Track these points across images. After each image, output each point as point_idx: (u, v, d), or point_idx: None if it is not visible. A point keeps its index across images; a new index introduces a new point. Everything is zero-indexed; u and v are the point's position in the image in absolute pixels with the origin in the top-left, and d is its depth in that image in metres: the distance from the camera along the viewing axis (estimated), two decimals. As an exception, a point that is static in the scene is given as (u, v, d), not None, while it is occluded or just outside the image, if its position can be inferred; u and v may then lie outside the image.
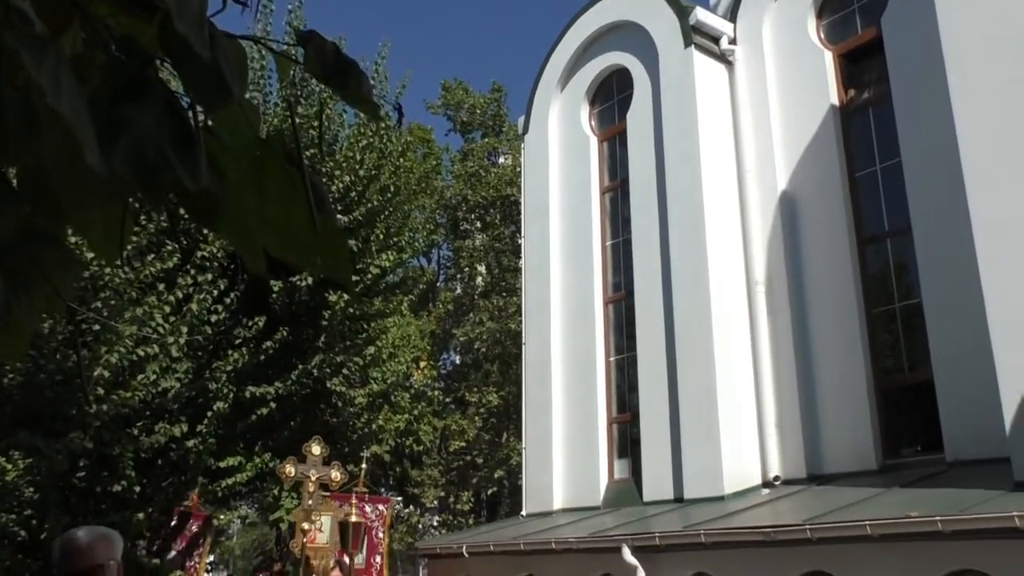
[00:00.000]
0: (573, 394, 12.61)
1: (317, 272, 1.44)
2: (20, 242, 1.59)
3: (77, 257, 1.90)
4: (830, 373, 9.87)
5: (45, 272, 1.84)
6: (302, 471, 7.79)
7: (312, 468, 7.90)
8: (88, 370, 7.42)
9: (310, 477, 7.83)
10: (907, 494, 7.94)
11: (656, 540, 8.86)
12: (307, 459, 7.87)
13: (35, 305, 1.93)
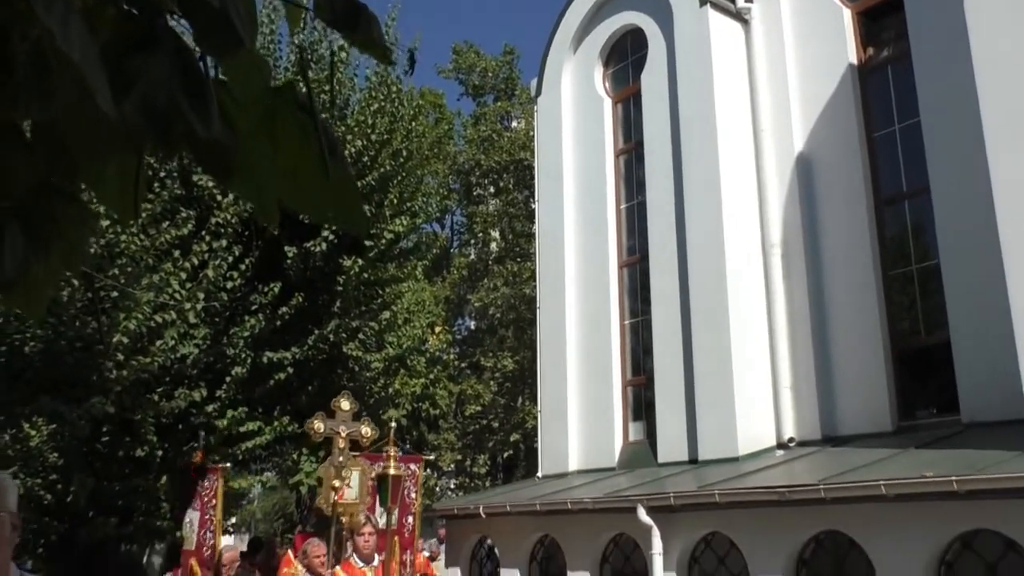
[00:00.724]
0: (588, 358, 12.63)
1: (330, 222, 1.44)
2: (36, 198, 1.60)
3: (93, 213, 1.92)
4: (846, 335, 9.85)
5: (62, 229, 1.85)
6: (331, 427, 7.48)
7: (341, 424, 7.59)
8: (108, 336, 7.49)
9: (339, 433, 7.50)
10: (922, 455, 7.94)
11: (671, 500, 8.92)
12: (336, 415, 7.58)
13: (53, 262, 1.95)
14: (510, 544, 11.43)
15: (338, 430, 7.46)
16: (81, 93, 1.13)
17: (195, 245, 8.45)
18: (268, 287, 9.17)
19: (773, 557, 8.27)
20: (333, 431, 7.44)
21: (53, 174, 1.49)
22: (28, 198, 1.58)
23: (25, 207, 1.77)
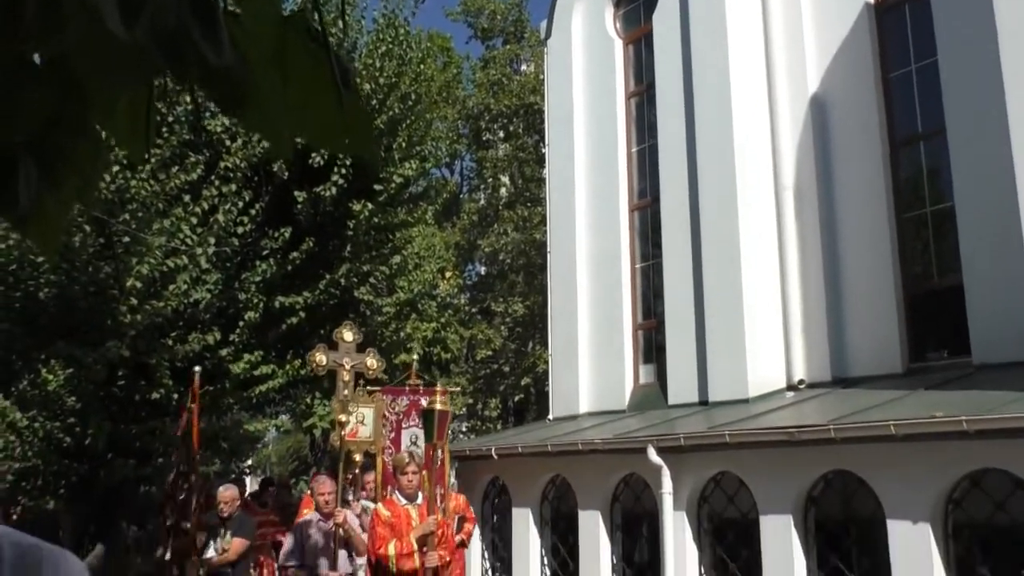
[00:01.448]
0: (598, 301, 12.66)
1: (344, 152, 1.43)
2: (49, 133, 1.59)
3: (107, 146, 1.91)
4: (858, 278, 9.82)
5: (75, 163, 1.85)
6: (334, 359, 6.99)
7: (345, 356, 7.08)
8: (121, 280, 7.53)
9: (344, 366, 6.98)
10: (932, 396, 7.98)
11: (681, 441, 9.01)
12: (339, 346, 7.05)
13: (66, 197, 1.95)
14: (522, 484, 11.60)
15: (341, 363, 7.01)
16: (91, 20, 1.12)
17: (205, 190, 8.44)
18: (278, 232, 9.18)
19: (782, 496, 8.38)
20: (336, 364, 7.00)
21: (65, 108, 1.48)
22: (41, 133, 1.58)
23: (38, 142, 1.77)
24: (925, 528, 7.20)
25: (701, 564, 9.34)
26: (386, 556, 5.43)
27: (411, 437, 8.68)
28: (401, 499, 5.75)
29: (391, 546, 5.43)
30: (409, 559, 5.43)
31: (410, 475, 5.71)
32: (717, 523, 9.39)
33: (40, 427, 8.39)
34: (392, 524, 5.55)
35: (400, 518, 5.61)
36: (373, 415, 8.35)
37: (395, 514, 5.63)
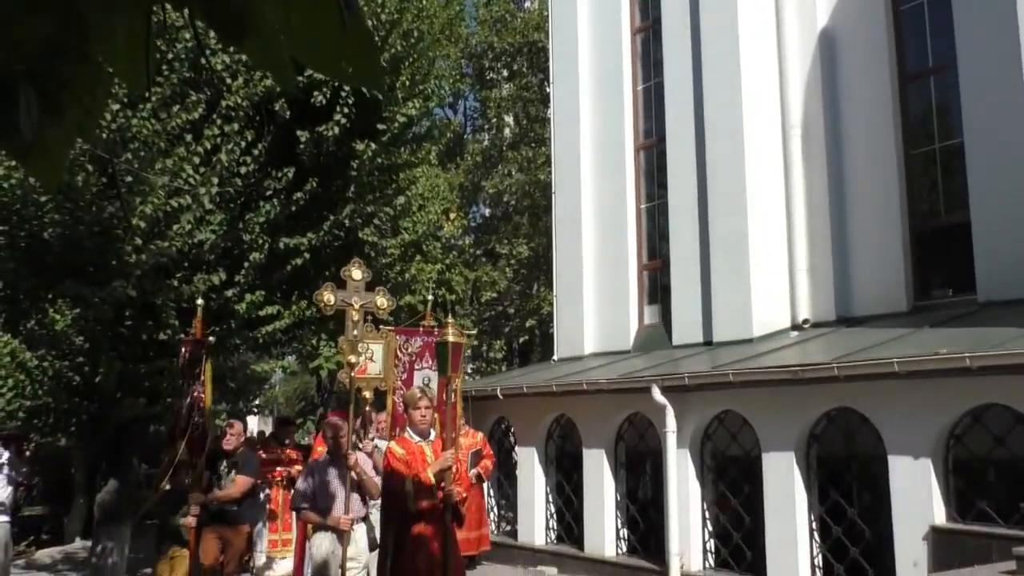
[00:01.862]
0: (603, 242, 12.64)
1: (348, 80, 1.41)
2: (49, 60, 1.57)
3: (107, 74, 1.88)
4: (864, 216, 9.77)
5: (76, 91, 1.83)
6: (342, 298, 6.70)
7: (354, 295, 6.77)
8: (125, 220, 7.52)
9: (353, 305, 6.71)
10: (937, 333, 8.00)
11: (685, 380, 9.08)
12: (347, 285, 6.78)
13: (68, 127, 1.93)
14: (527, 424, 11.74)
15: (350, 301, 6.71)
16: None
17: (207, 130, 8.38)
18: (282, 172, 9.13)
19: (784, 433, 8.47)
20: (345, 303, 6.70)
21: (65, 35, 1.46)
22: (41, 60, 1.55)
23: (38, 69, 1.75)
24: (926, 463, 7.29)
25: (704, 500, 9.49)
26: (403, 494, 5.30)
27: (424, 379, 8.58)
28: (414, 436, 5.60)
29: (407, 483, 5.29)
30: (427, 496, 5.31)
31: (423, 411, 5.58)
32: (720, 460, 9.52)
33: (49, 366, 8.47)
34: (407, 461, 5.39)
35: (414, 455, 5.46)
36: (383, 351, 8.13)
37: (409, 451, 5.46)
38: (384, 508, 5.62)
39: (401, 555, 5.28)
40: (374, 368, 8.12)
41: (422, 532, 5.27)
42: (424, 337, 8.42)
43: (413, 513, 5.28)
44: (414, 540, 5.27)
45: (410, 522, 5.29)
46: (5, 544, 8.53)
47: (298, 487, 6.44)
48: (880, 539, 7.70)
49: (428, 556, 5.25)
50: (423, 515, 5.29)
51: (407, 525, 5.31)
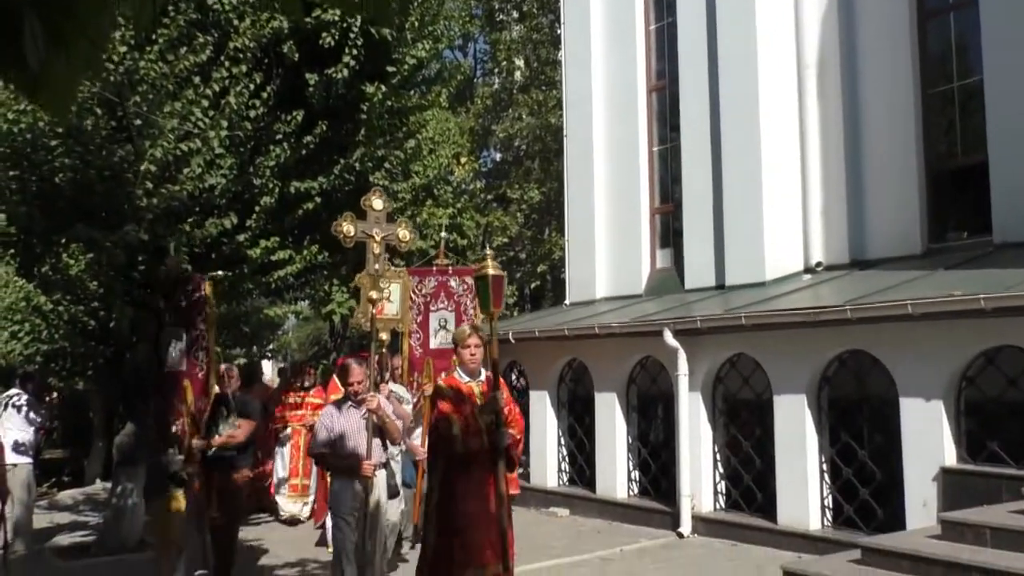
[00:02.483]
0: (615, 186, 12.54)
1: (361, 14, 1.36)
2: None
3: (111, 4, 1.84)
4: (880, 157, 9.63)
5: (81, 21, 1.79)
6: (363, 229, 6.32)
7: (375, 226, 6.38)
8: (135, 165, 7.49)
9: (374, 236, 6.31)
10: (951, 275, 7.95)
11: (697, 323, 9.08)
12: (368, 215, 6.38)
13: (74, 61, 1.90)
14: (539, 368, 11.80)
15: (371, 233, 6.33)
16: None
17: (215, 72, 8.27)
18: (291, 116, 9.04)
19: (796, 376, 8.49)
20: (366, 235, 6.32)
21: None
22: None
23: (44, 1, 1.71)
24: (937, 405, 7.30)
25: (715, 443, 9.57)
26: (451, 437, 4.95)
27: (440, 321, 8.32)
28: (463, 375, 5.25)
29: (455, 425, 4.95)
30: (476, 438, 4.95)
31: (472, 348, 5.19)
32: (732, 403, 9.56)
33: (65, 310, 8.53)
34: (455, 402, 5.06)
35: (463, 395, 5.14)
36: (400, 291, 7.72)
37: (457, 391, 5.15)
38: (431, 451, 5.33)
39: (449, 501, 4.99)
40: (391, 309, 7.69)
41: (471, 476, 4.97)
42: (438, 277, 8.18)
43: (461, 456, 4.96)
44: (463, 485, 4.98)
45: (458, 466, 4.99)
46: (28, 485, 8.70)
47: (316, 432, 6.19)
48: (890, 480, 7.75)
49: (478, 501, 4.94)
50: (472, 459, 4.96)
51: (455, 469, 5.01)
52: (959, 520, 5.88)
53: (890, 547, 5.82)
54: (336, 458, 6.01)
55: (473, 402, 5.08)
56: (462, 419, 4.97)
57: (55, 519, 11.04)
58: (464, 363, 5.26)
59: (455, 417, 4.98)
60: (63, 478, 14.63)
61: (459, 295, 8.22)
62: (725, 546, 8.65)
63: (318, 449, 6.11)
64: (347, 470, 5.95)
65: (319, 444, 6.07)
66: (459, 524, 4.89)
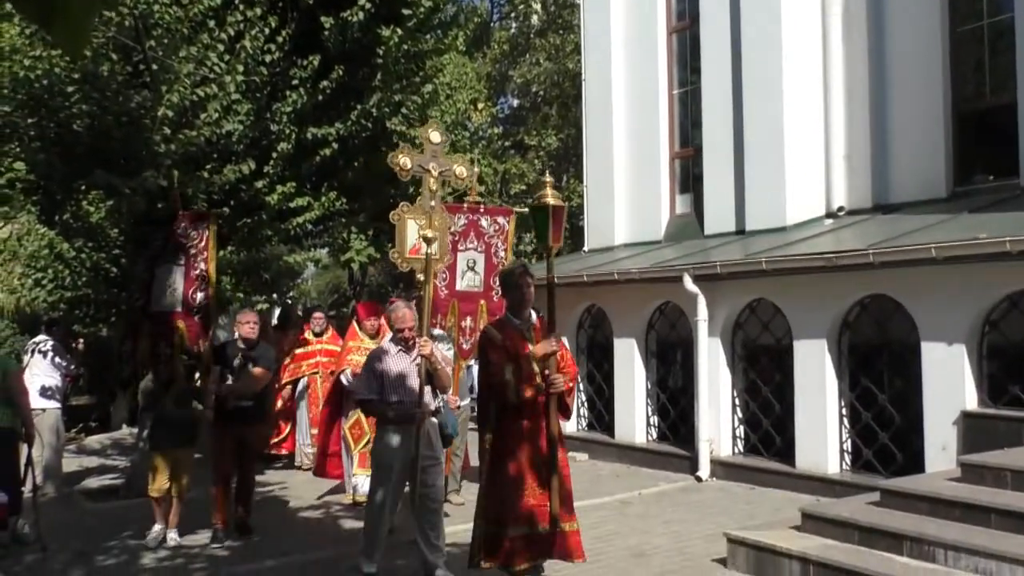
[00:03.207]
0: (634, 130, 12.38)
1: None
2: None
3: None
4: (905, 98, 9.42)
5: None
6: (419, 163, 5.92)
7: (432, 160, 6.00)
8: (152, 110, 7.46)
9: (430, 171, 5.92)
10: (976, 219, 7.82)
11: (717, 269, 9.02)
12: (425, 149, 6.01)
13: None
14: (558, 314, 11.76)
15: (428, 168, 5.96)
16: None
17: (229, 16, 8.20)
18: (307, 60, 8.96)
19: (817, 321, 8.45)
20: (423, 169, 5.95)
21: None
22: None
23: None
24: (960, 349, 7.26)
25: (734, 388, 9.58)
26: (504, 384, 4.62)
27: (468, 262, 7.54)
28: (513, 319, 4.87)
29: (507, 372, 4.63)
30: (531, 386, 4.61)
31: (524, 288, 4.81)
32: (751, 349, 9.55)
33: (87, 257, 8.59)
34: (506, 347, 4.71)
35: (514, 340, 4.77)
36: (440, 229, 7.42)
37: (508, 336, 4.77)
38: (481, 400, 4.99)
39: (502, 452, 4.72)
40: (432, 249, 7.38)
41: (525, 426, 4.68)
42: (469, 215, 7.60)
43: (514, 405, 4.65)
44: (516, 435, 4.69)
45: (511, 415, 4.70)
46: (57, 429, 8.86)
47: (362, 377, 5.82)
48: (910, 424, 7.75)
49: (532, 452, 4.67)
50: (526, 407, 4.65)
51: (508, 419, 4.72)
52: (979, 463, 5.87)
53: (909, 489, 5.83)
54: (385, 405, 5.61)
55: (524, 347, 4.72)
56: (515, 366, 4.64)
57: (84, 463, 11.27)
58: (514, 305, 4.87)
59: (507, 364, 4.65)
60: (90, 424, 14.91)
61: (489, 236, 7.80)
62: (743, 490, 8.72)
63: (366, 395, 5.71)
64: (398, 418, 5.57)
65: (367, 390, 5.68)
66: (514, 476, 4.63)
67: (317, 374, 10.29)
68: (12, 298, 14.01)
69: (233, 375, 6.95)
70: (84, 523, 7.92)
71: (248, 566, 6.31)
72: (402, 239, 6.31)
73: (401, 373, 5.63)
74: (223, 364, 7.08)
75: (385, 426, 5.67)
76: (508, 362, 4.65)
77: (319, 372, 10.25)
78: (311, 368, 10.42)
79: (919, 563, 5.05)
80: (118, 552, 6.71)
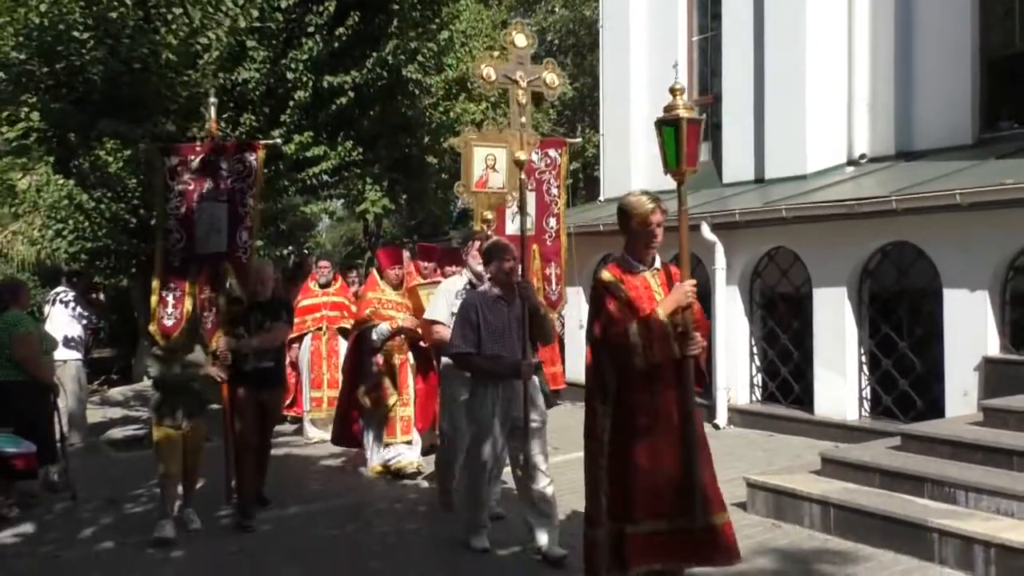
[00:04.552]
0: (652, 78, 12.19)
1: None
2: None
3: None
4: (931, 44, 9.20)
5: None
6: (505, 73, 5.11)
7: (518, 68, 5.20)
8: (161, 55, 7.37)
9: (518, 82, 5.12)
10: (1002, 165, 7.71)
11: (736, 216, 8.96)
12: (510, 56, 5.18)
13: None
14: (574, 263, 11.75)
15: (515, 77, 5.13)
16: None
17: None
18: (322, 6, 8.86)
19: (837, 269, 8.40)
20: (508, 79, 5.12)
21: None
22: None
23: None
24: (983, 295, 7.21)
25: (752, 337, 9.58)
26: (629, 347, 3.68)
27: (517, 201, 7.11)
28: (635, 264, 3.92)
29: (632, 330, 3.68)
30: (663, 343, 3.67)
31: (653, 226, 3.87)
32: (769, 297, 9.52)
33: (106, 208, 8.59)
34: (629, 300, 3.80)
35: (638, 290, 3.83)
36: (506, 157, 6.16)
37: (629, 285, 3.83)
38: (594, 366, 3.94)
39: (627, 431, 3.79)
40: (496, 180, 6.19)
41: (653, 397, 3.76)
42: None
43: (642, 371, 3.70)
44: (643, 409, 3.76)
45: (636, 385, 3.75)
46: (79, 379, 8.95)
47: (456, 329, 5.05)
48: (930, 371, 7.73)
49: (666, 429, 3.75)
50: (655, 373, 3.73)
51: (632, 389, 3.78)
52: (1001, 407, 5.87)
53: (930, 433, 5.84)
54: (486, 360, 4.91)
55: (651, 298, 3.82)
56: (641, 323, 3.70)
57: (108, 414, 11.42)
58: (638, 244, 3.92)
59: (631, 319, 3.73)
60: (111, 376, 15.07)
61: (541, 171, 6.87)
62: (761, 436, 8.75)
63: (463, 348, 4.95)
64: (502, 374, 4.91)
65: (463, 342, 4.93)
66: (644, 461, 3.73)
67: (322, 330, 9.14)
68: (33, 250, 14.10)
69: (249, 332, 6.03)
70: (111, 472, 8.04)
71: (271, 512, 6.31)
72: (468, 169, 5.61)
73: (501, 321, 4.94)
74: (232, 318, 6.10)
75: (485, 384, 4.99)
76: (632, 317, 3.73)
77: (324, 327, 9.14)
78: (316, 323, 9.17)
79: (940, 504, 5.08)
80: (146, 500, 6.81)
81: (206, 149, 6.25)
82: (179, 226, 6.16)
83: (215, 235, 6.12)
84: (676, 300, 3.74)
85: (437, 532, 5.76)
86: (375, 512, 6.33)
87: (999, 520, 4.75)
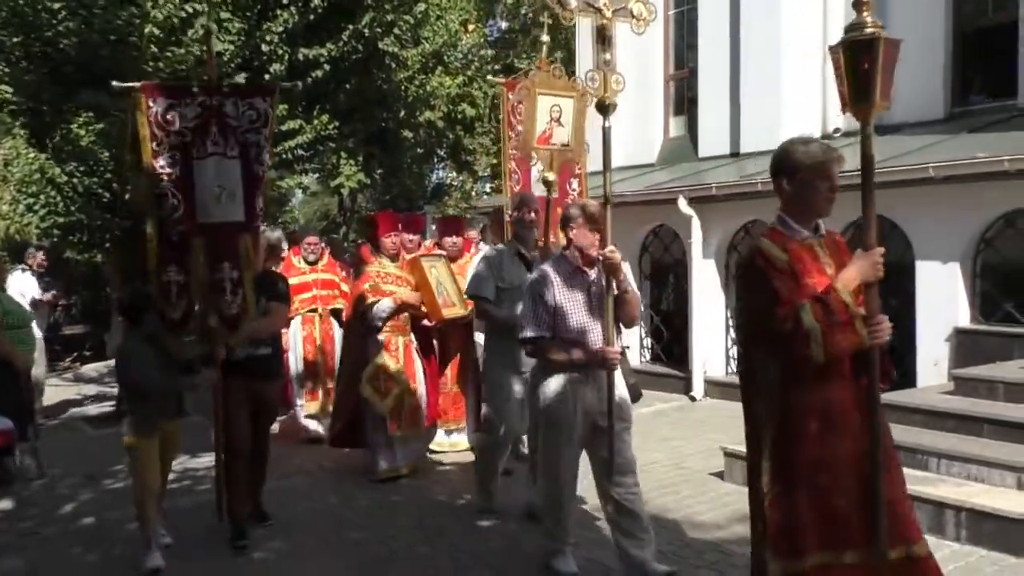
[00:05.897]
0: (628, 52, 12.16)
1: None
2: None
3: None
4: (906, 18, 9.21)
5: None
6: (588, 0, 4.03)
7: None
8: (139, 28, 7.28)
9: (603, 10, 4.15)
10: (974, 139, 7.82)
11: (712, 190, 9.02)
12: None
13: None
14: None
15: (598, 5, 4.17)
16: None
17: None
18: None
19: (812, 242, 8.47)
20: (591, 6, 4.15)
21: None
22: None
23: None
24: (954, 267, 7.35)
25: (728, 308, 9.68)
26: (803, 336, 2.79)
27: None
28: (797, 227, 3.09)
29: (804, 312, 2.80)
30: (847, 330, 2.80)
31: (833, 180, 3.14)
32: (744, 270, 9.59)
33: (79, 182, 8.48)
34: (795, 272, 2.95)
35: (804, 262, 3.00)
36: (573, 109, 5.32)
37: (795, 256, 2.99)
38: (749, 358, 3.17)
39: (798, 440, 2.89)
40: (561, 135, 5.28)
41: (833, 397, 2.89)
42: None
43: (819, 367, 2.83)
44: (820, 412, 2.87)
45: (809, 382, 2.87)
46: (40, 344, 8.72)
47: (527, 310, 4.22)
48: (902, 342, 7.85)
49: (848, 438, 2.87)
50: (834, 369, 2.88)
51: (803, 387, 2.89)
52: (972, 376, 6.00)
53: (903, 402, 5.96)
54: (564, 345, 4.12)
55: (818, 269, 3.00)
56: (818, 304, 2.82)
57: (82, 391, 11.33)
58: (804, 205, 3.11)
59: (803, 301, 2.85)
60: (84, 352, 14.93)
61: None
62: (737, 407, 8.83)
63: (536, 332, 4.15)
64: (583, 362, 4.10)
65: (535, 325, 4.15)
66: (822, 479, 2.85)
67: (317, 311, 7.99)
68: (3, 224, 13.87)
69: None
70: (88, 449, 7.99)
71: (276, 482, 5.92)
72: (530, 121, 4.80)
73: (578, 300, 4.17)
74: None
75: (561, 373, 4.14)
76: (803, 297, 2.87)
77: (318, 309, 7.99)
78: (306, 304, 7.95)
79: (911, 471, 5.17)
80: (124, 476, 6.79)
81: (206, 92, 4.99)
82: (174, 190, 4.92)
83: (228, 200, 4.91)
84: (862, 272, 2.92)
85: (426, 496, 5.79)
86: (357, 485, 6.36)
87: (970, 486, 4.88)
